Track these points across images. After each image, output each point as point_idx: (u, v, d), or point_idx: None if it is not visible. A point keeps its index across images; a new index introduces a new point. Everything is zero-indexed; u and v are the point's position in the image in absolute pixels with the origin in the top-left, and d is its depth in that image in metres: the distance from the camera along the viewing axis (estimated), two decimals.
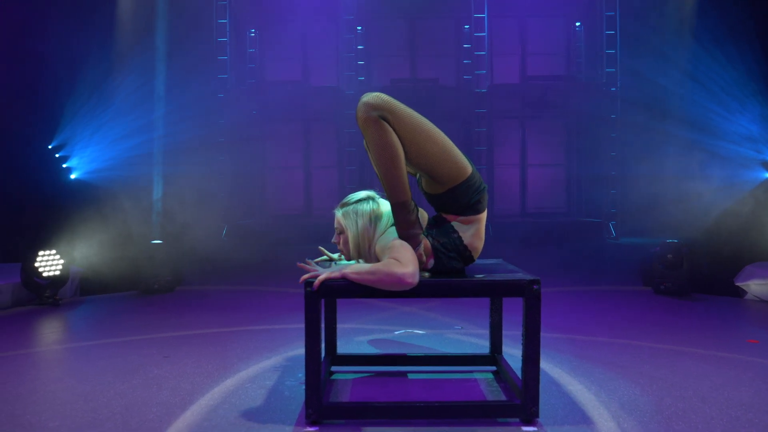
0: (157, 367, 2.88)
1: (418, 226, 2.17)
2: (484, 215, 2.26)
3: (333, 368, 2.77)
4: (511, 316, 3.21)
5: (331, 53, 10.49)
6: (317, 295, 2.06)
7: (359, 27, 10.09)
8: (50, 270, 4.74)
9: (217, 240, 8.98)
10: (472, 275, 2.20)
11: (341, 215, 2.30)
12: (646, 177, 8.53)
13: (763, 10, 6.89)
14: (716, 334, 3.60)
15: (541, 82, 9.99)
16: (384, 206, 2.29)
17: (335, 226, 2.33)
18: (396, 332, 3.67)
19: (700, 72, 7.58)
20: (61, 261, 4.83)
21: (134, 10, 7.60)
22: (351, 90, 9.83)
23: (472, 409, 2.18)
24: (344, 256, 2.36)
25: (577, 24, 10.44)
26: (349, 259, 2.35)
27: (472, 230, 2.23)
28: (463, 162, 2.17)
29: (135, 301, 4.88)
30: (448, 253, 2.21)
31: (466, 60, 10.14)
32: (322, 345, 2.56)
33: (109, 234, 6.03)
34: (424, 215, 2.29)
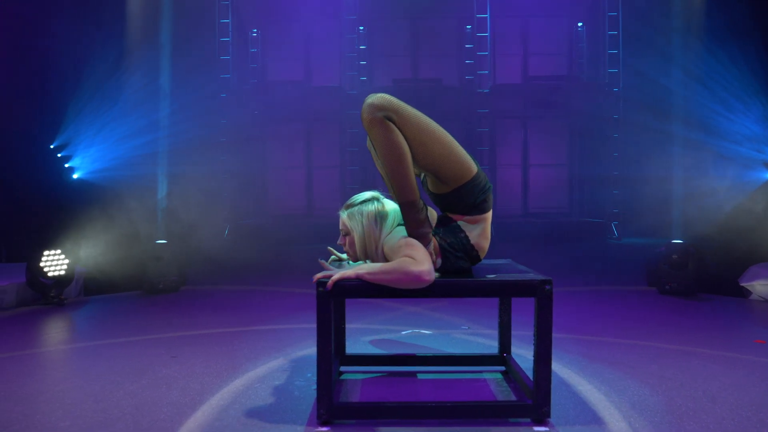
0: (166, 367, 2.88)
1: (428, 224, 2.16)
2: (490, 215, 2.26)
3: (342, 368, 2.77)
4: (516, 316, 3.20)
5: (334, 53, 10.49)
6: (329, 295, 2.06)
7: (361, 27, 10.10)
8: (55, 270, 4.74)
9: (221, 240, 8.98)
10: (482, 275, 2.19)
11: (346, 216, 2.29)
12: (648, 177, 8.52)
13: (767, 9, 6.88)
14: (723, 335, 3.60)
15: (544, 82, 10.00)
16: (389, 206, 2.28)
17: (340, 227, 2.31)
18: (403, 332, 3.67)
19: (703, 72, 7.57)
20: (66, 261, 4.82)
21: (142, 9, 7.61)
22: (353, 90, 9.83)
23: (483, 409, 2.18)
24: (350, 258, 2.35)
25: (580, 24, 10.45)
26: (355, 260, 2.34)
27: (479, 230, 2.23)
28: (469, 162, 2.16)
29: (140, 301, 4.87)
30: (455, 252, 2.21)
31: (469, 60, 10.15)
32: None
33: (114, 234, 6.02)
34: (433, 214, 2.29)
